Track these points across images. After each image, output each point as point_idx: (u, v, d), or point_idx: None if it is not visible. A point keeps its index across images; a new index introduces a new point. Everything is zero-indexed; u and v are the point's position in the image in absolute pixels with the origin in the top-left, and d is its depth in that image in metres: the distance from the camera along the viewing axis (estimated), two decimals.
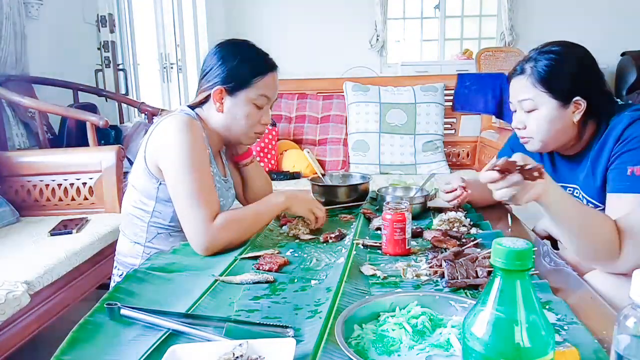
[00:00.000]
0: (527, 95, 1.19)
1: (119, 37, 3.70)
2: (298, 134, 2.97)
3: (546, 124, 1.19)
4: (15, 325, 1.44)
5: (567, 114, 1.17)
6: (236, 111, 1.28)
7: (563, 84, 1.16)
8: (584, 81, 1.17)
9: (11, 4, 2.52)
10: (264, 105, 1.30)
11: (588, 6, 5.50)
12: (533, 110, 1.20)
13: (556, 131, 1.19)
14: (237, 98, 1.27)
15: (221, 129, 1.31)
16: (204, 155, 1.22)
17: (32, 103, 2.42)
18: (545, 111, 1.18)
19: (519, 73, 1.21)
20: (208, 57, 1.30)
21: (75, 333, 0.76)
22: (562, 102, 1.17)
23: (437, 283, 0.94)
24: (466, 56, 5.85)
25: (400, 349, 0.70)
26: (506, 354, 0.48)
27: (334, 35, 5.87)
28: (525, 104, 1.20)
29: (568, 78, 1.16)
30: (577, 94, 1.16)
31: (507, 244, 0.49)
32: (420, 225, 1.30)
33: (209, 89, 1.28)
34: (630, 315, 0.49)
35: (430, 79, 3.09)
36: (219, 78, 1.26)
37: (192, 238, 1.14)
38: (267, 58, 1.31)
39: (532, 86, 1.18)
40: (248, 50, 1.31)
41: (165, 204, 1.26)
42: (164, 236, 1.31)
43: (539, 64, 1.17)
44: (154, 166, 1.24)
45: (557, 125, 1.18)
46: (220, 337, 0.73)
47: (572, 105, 1.17)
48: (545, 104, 1.18)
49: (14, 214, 2.06)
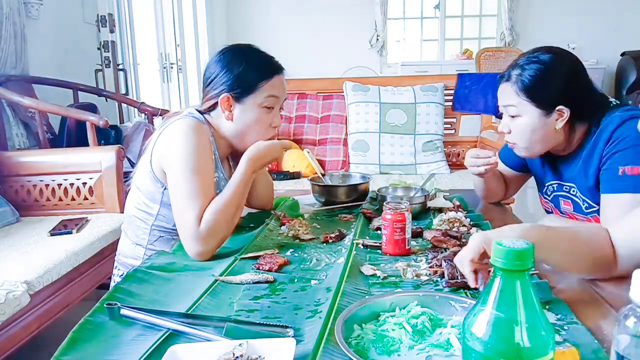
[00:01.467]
0: (511, 102, 1.21)
1: (119, 37, 3.71)
2: (298, 134, 2.97)
3: (528, 132, 1.21)
4: (15, 325, 1.44)
5: (550, 122, 1.19)
6: (246, 117, 1.26)
7: (547, 94, 1.18)
8: (569, 91, 1.18)
9: (11, 4, 2.52)
10: (274, 105, 1.28)
11: (588, 6, 5.50)
12: (517, 116, 1.22)
13: (538, 138, 1.21)
14: (245, 104, 1.25)
15: (233, 137, 1.30)
16: (208, 160, 1.20)
17: (32, 103, 2.42)
18: (528, 119, 1.20)
19: (506, 80, 1.23)
20: (211, 63, 1.28)
21: (75, 333, 0.76)
22: (544, 111, 1.18)
23: (437, 283, 0.94)
24: (466, 56, 5.85)
25: (400, 349, 0.70)
26: (506, 354, 0.47)
27: (334, 35, 5.87)
28: (509, 109, 1.23)
29: (552, 89, 1.18)
30: (561, 103, 1.17)
31: (507, 244, 0.49)
32: (420, 225, 1.30)
33: (216, 96, 1.26)
34: (630, 315, 0.49)
35: (430, 79, 3.08)
36: (225, 85, 1.24)
37: (185, 245, 1.12)
38: (272, 61, 1.30)
39: (516, 94, 1.20)
40: (253, 54, 1.30)
41: (170, 208, 1.23)
42: (166, 239, 1.30)
43: (524, 73, 1.19)
44: (160, 170, 1.23)
45: (538, 133, 1.20)
46: (220, 337, 0.73)
47: (555, 114, 1.18)
48: (527, 113, 1.20)
49: (14, 214, 2.06)
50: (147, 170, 1.26)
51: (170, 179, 1.18)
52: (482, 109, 2.98)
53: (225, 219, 1.13)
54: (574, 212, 1.31)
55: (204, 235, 1.10)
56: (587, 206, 1.25)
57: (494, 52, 5.30)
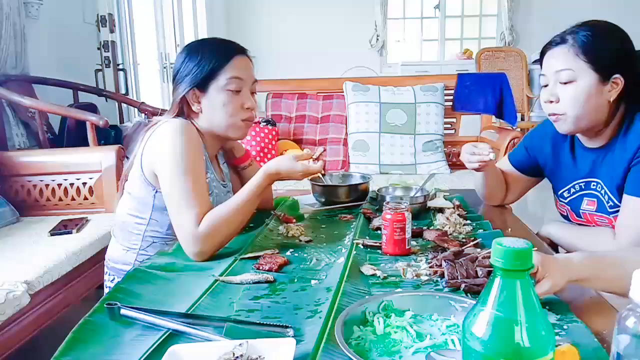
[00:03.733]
0: (567, 66, 1.14)
1: (119, 37, 3.70)
2: (298, 134, 2.97)
3: (582, 99, 1.14)
4: (15, 325, 1.44)
5: (604, 91, 1.13)
6: (213, 104, 1.25)
7: (605, 58, 1.12)
8: (625, 58, 1.13)
9: (11, 4, 2.52)
10: (240, 88, 1.25)
11: (588, 6, 5.50)
12: (570, 82, 1.14)
13: (590, 108, 1.14)
14: (209, 92, 1.24)
15: (208, 128, 1.28)
16: (200, 160, 1.19)
17: (32, 103, 2.42)
18: (584, 84, 1.13)
19: (559, 43, 1.16)
20: (175, 62, 1.29)
21: (75, 333, 0.76)
22: (601, 77, 1.12)
23: (437, 283, 0.94)
24: (466, 56, 5.86)
25: (400, 350, 0.70)
26: (506, 354, 0.47)
27: (334, 35, 5.87)
28: (563, 74, 1.14)
29: (610, 52, 1.13)
30: (617, 71, 1.12)
31: (507, 243, 0.49)
32: (420, 225, 1.30)
33: (183, 92, 1.25)
34: (630, 315, 0.49)
35: (430, 79, 3.08)
36: (188, 79, 1.24)
37: (183, 246, 1.12)
38: (229, 44, 1.28)
39: (574, 56, 1.13)
40: (208, 42, 1.30)
41: (162, 212, 1.23)
42: (159, 245, 1.28)
43: (581, 34, 1.13)
44: (151, 173, 1.22)
45: (592, 101, 1.14)
46: (220, 337, 0.73)
47: (610, 84, 1.13)
48: (584, 77, 1.13)
49: (14, 214, 2.06)
50: (137, 174, 1.25)
51: (163, 180, 1.17)
52: (482, 109, 2.98)
53: (227, 225, 1.12)
54: (595, 211, 1.26)
55: (203, 235, 1.09)
56: (612, 205, 1.20)
57: (494, 52, 5.31)
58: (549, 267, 0.80)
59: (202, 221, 1.10)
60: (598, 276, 0.85)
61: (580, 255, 0.87)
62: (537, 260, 0.80)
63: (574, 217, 1.33)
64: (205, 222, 1.10)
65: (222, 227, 1.11)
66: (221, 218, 1.12)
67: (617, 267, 0.87)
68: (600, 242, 1.18)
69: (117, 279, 1.31)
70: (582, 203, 1.29)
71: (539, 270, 0.79)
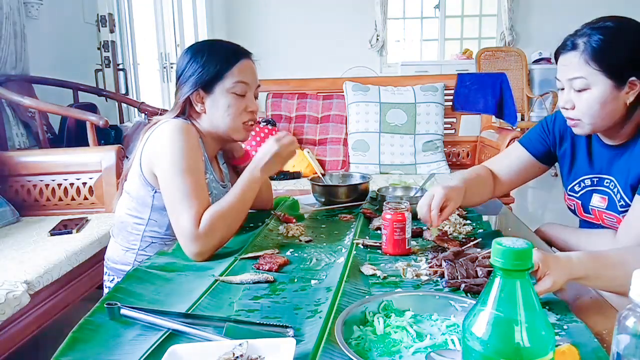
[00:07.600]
0: (580, 74, 1.10)
1: (119, 37, 3.71)
2: (298, 134, 2.97)
3: (598, 105, 1.10)
4: (15, 325, 1.44)
5: (621, 95, 1.09)
6: (217, 105, 1.25)
7: (619, 61, 1.08)
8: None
9: (11, 4, 2.52)
10: (245, 92, 1.27)
11: (588, 6, 5.50)
12: (584, 90, 1.10)
13: (606, 114, 1.10)
14: (214, 93, 1.25)
15: (210, 129, 1.28)
16: (199, 160, 1.19)
17: (32, 103, 2.42)
18: (598, 92, 1.09)
19: (570, 48, 1.11)
20: (179, 62, 1.29)
21: (75, 333, 0.76)
22: (616, 83, 1.08)
23: (437, 283, 0.94)
24: (466, 56, 5.86)
25: (400, 350, 0.70)
26: (506, 354, 0.47)
27: (334, 35, 5.87)
28: (576, 82, 1.11)
29: (624, 54, 1.08)
30: (633, 74, 1.07)
31: (507, 243, 0.49)
32: (420, 225, 1.30)
33: (187, 93, 1.25)
34: (630, 315, 0.49)
35: (430, 79, 3.08)
36: (192, 80, 1.24)
37: (183, 246, 1.12)
38: (236, 47, 1.29)
39: (585, 63, 1.08)
40: (215, 44, 1.30)
41: (162, 212, 1.23)
42: (158, 245, 1.28)
43: (592, 38, 1.08)
44: (150, 173, 1.22)
45: (608, 107, 1.09)
46: (220, 337, 0.73)
47: (627, 86, 1.08)
48: (598, 84, 1.09)
49: (14, 214, 2.06)
50: (137, 175, 1.25)
51: (162, 180, 1.17)
52: (482, 109, 2.98)
53: (224, 222, 1.13)
54: (606, 209, 1.23)
55: (202, 235, 1.09)
56: (623, 204, 1.18)
57: (494, 52, 5.31)
58: (550, 265, 0.80)
59: (201, 221, 1.10)
60: (598, 275, 0.85)
61: (580, 254, 0.88)
62: (538, 258, 0.80)
63: (582, 213, 1.30)
64: (204, 222, 1.10)
65: (219, 225, 1.11)
66: (220, 215, 1.12)
67: (618, 266, 0.87)
68: (599, 245, 1.17)
69: (117, 279, 1.31)
70: (593, 199, 1.26)
71: (540, 268, 0.79)
